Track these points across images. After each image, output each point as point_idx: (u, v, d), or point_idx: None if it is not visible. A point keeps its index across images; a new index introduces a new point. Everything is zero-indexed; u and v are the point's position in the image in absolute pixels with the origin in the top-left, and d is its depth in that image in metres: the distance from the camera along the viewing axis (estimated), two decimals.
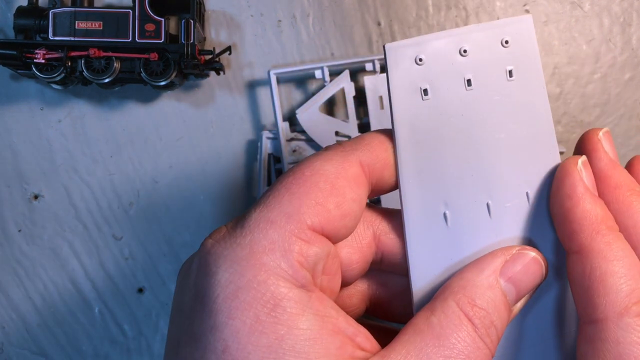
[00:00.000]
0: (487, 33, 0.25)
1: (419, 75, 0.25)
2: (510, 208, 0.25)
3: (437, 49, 0.25)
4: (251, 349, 0.18)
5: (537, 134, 0.25)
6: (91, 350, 0.44)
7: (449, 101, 0.25)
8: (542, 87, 0.25)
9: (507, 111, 0.25)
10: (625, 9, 0.45)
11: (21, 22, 0.42)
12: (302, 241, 0.20)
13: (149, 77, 0.42)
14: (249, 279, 0.19)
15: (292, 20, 0.45)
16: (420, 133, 0.25)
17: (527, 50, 0.25)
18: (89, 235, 0.45)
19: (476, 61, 0.25)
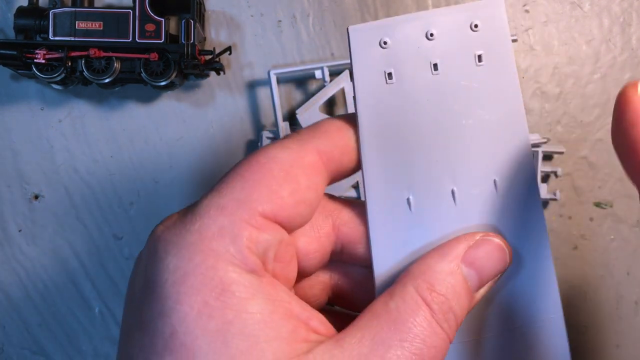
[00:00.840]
0: (455, 16, 0.24)
1: (383, 59, 0.24)
2: (476, 195, 0.24)
3: (402, 33, 0.24)
4: (199, 333, 0.18)
5: (507, 121, 0.24)
6: (91, 350, 0.44)
7: (414, 86, 0.24)
8: (514, 73, 0.24)
9: (476, 97, 0.24)
10: (625, 9, 0.45)
11: (21, 22, 0.42)
12: (253, 227, 0.20)
13: (149, 77, 0.42)
14: (197, 264, 0.19)
15: (292, 20, 0.45)
16: (384, 117, 0.24)
17: (498, 34, 0.24)
18: (89, 235, 0.45)
19: (443, 45, 0.24)
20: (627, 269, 0.44)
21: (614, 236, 0.44)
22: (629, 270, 0.44)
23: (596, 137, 0.44)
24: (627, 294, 0.44)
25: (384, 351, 0.20)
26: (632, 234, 0.44)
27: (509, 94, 0.24)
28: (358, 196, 0.42)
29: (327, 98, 0.43)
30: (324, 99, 0.43)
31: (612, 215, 0.44)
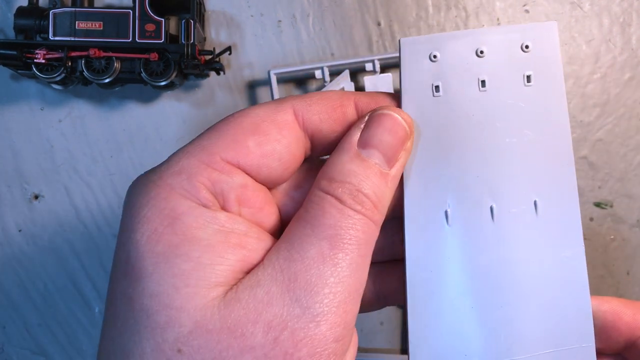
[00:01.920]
0: (507, 36, 0.24)
1: (432, 72, 0.25)
2: (515, 214, 0.24)
3: (453, 48, 0.25)
4: (146, 255, 0.19)
5: (552, 143, 0.24)
6: (91, 350, 0.44)
7: (460, 100, 0.24)
8: (562, 96, 0.24)
9: (521, 116, 0.24)
10: (625, 9, 0.45)
11: (21, 22, 0.42)
12: (211, 169, 0.21)
13: (149, 77, 0.42)
14: (151, 197, 0.20)
15: (292, 20, 0.45)
16: (429, 128, 0.24)
17: (549, 57, 0.24)
18: (89, 235, 0.45)
19: (493, 63, 0.24)
20: (627, 269, 0.44)
21: (613, 236, 0.44)
22: (629, 270, 0.44)
23: (596, 137, 0.44)
24: (627, 294, 0.44)
25: (299, 248, 0.20)
26: (632, 234, 0.44)
27: (556, 116, 0.24)
28: None
29: None
30: None
31: (612, 215, 0.44)
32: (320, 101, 0.23)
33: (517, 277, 0.24)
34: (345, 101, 0.24)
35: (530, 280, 0.24)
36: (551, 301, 0.24)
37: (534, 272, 0.24)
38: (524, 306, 0.24)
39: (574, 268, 0.24)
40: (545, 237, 0.24)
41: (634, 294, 0.44)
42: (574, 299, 0.24)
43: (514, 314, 0.24)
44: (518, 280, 0.24)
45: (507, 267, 0.24)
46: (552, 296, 0.24)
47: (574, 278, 0.24)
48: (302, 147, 0.23)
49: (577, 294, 0.24)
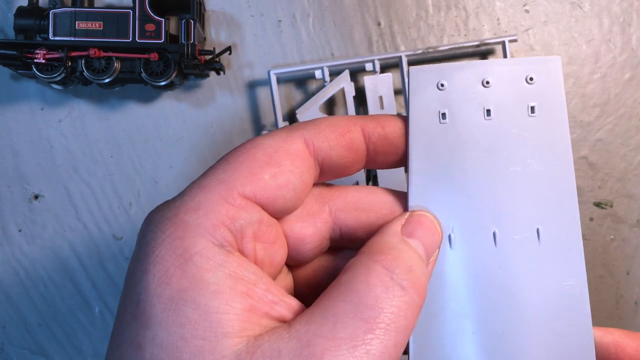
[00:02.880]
0: (512, 68, 0.25)
1: (439, 100, 0.25)
2: (518, 241, 0.25)
3: (460, 77, 0.25)
4: (156, 300, 0.19)
5: (555, 173, 0.25)
6: (91, 350, 0.44)
7: (466, 128, 0.25)
8: (565, 128, 0.25)
9: (526, 146, 0.25)
10: (625, 9, 0.45)
11: (21, 22, 0.42)
12: (229, 204, 0.20)
13: (149, 77, 0.42)
14: (167, 235, 0.20)
15: (292, 20, 0.45)
16: (434, 154, 0.25)
17: (553, 89, 0.25)
18: (89, 235, 0.45)
19: (498, 93, 0.25)
20: (627, 269, 0.44)
21: (613, 236, 0.44)
22: (628, 270, 0.44)
23: (596, 137, 0.44)
24: (627, 294, 0.44)
25: (334, 324, 0.18)
26: (632, 234, 0.44)
27: (559, 146, 0.25)
28: None
29: (327, 98, 0.43)
30: (324, 99, 0.43)
31: (612, 215, 0.44)
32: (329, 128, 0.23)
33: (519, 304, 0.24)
34: (352, 127, 0.24)
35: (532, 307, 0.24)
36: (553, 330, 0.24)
37: (535, 300, 0.24)
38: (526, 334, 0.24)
39: (576, 298, 0.24)
40: (548, 265, 0.25)
41: (634, 294, 0.44)
42: (577, 329, 0.24)
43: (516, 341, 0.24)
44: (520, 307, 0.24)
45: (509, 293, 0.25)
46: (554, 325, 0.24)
47: (576, 308, 0.24)
48: (313, 174, 0.23)
49: (579, 324, 0.24)
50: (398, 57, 0.43)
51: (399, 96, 0.44)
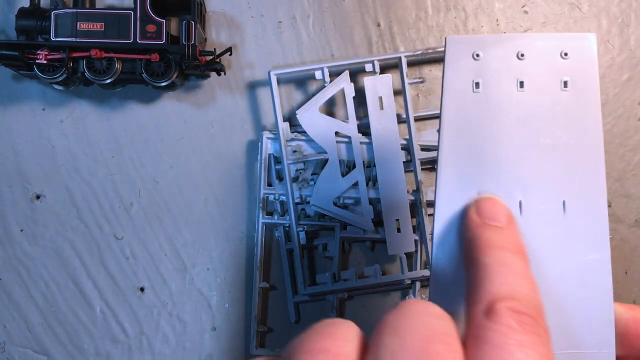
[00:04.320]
0: (548, 42, 0.26)
1: (474, 70, 0.26)
2: (543, 211, 0.25)
3: (495, 49, 0.26)
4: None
5: (584, 148, 0.25)
6: (93, 349, 0.45)
7: (498, 98, 0.26)
8: (597, 104, 0.25)
9: (557, 119, 0.25)
10: (624, 9, 0.45)
11: (23, 23, 0.42)
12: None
13: (150, 78, 0.42)
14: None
15: (292, 21, 0.45)
16: (465, 122, 0.26)
17: (586, 65, 0.26)
18: (91, 235, 0.45)
19: (532, 66, 0.26)
20: (625, 269, 0.44)
21: (612, 236, 0.44)
22: (627, 269, 0.44)
23: None
24: (625, 294, 0.44)
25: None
26: (630, 234, 0.44)
27: (590, 122, 0.25)
28: (357, 195, 0.43)
29: (327, 99, 0.43)
30: (324, 100, 0.43)
31: (610, 215, 0.44)
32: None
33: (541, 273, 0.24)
34: None
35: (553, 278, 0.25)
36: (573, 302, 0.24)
37: (558, 271, 0.25)
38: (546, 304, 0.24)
39: (599, 272, 0.25)
40: (572, 237, 0.25)
41: (632, 293, 0.44)
42: (597, 304, 0.24)
43: None
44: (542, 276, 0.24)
45: (532, 262, 0.24)
46: (575, 297, 0.24)
47: (598, 282, 0.24)
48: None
49: (600, 298, 0.24)
50: (398, 57, 0.43)
51: (398, 97, 0.44)
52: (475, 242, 0.23)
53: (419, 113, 0.44)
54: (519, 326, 0.19)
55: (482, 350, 0.18)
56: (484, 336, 0.19)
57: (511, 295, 0.20)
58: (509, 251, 0.22)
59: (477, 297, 0.20)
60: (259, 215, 0.44)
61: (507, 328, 0.19)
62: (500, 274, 0.21)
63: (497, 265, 0.21)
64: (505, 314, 0.19)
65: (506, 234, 0.23)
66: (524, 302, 0.20)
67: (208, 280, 0.45)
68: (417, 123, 0.44)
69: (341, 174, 0.43)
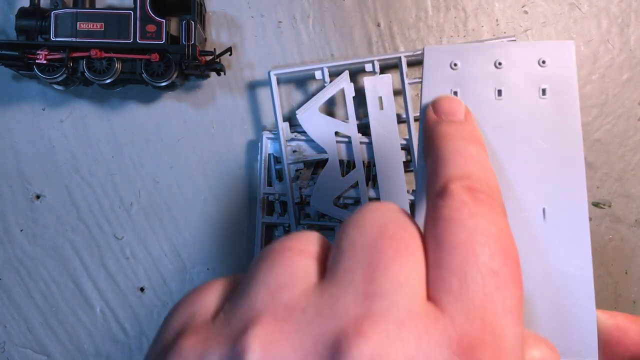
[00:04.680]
0: (525, 50, 0.26)
1: (452, 79, 0.26)
2: (523, 219, 0.25)
3: (473, 58, 0.26)
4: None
5: (565, 155, 0.25)
6: (93, 349, 0.45)
7: (477, 106, 0.26)
8: (576, 111, 0.25)
9: (535, 126, 0.25)
10: (624, 9, 0.45)
11: (23, 23, 0.42)
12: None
13: (150, 78, 0.42)
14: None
15: (292, 21, 0.45)
16: None
17: (565, 73, 0.26)
18: (91, 235, 0.45)
19: (510, 75, 0.26)
20: (625, 268, 0.44)
21: (612, 236, 0.44)
22: (627, 269, 0.44)
23: (594, 138, 0.45)
24: (625, 293, 0.44)
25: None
26: (630, 234, 0.44)
27: (570, 130, 0.25)
28: (357, 195, 0.43)
29: (327, 99, 0.43)
30: (324, 100, 0.43)
31: (610, 215, 0.44)
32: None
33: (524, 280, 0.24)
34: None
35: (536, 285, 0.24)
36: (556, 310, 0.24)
37: (540, 278, 0.25)
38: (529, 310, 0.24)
39: (581, 279, 0.25)
40: (553, 245, 0.25)
41: (632, 293, 0.44)
42: (580, 311, 0.24)
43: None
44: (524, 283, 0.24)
45: None
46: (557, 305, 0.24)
47: (580, 289, 0.24)
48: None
49: (582, 306, 0.24)
50: (397, 58, 0.43)
51: (398, 97, 0.44)
52: (433, 136, 0.23)
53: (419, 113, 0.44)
54: (471, 200, 0.19)
55: (437, 226, 0.18)
56: (438, 214, 0.19)
57: (465, 175, 0.20)
58: (464, 140, 0.22)
59: (432, 183, 0.20)
60: (259, 215, 0.44)
61: (460, 202, 0.19)
62: (454, 159, 0.21)
63: (452, 152, 0.21)
64: (458, 191, 0.19)
65: (463, 126, 0.23)
66: (476, 180, 0.20)
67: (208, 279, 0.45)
68: (417, 123, 0.44)
69: (341, 174, 0.43)
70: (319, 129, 0.43)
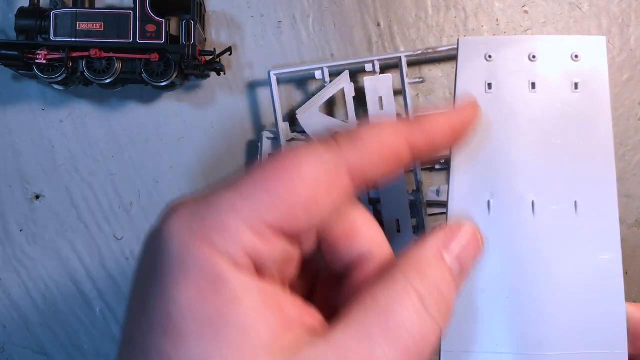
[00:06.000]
0: (559, 44, 0.26)
1: (486, 70, 0.26)
2: (555, 211, 0.25)
3: (507, 50, 0.26)
4: (191, 318, 0.19)
5: (595, 149, 0.25)
6: (92, 350, 0.45)
7: (510, 99, 0.26)
8: (607, 106, 0.26)
9: (568, 120, 0.26)
10: (624, 9, 0.45)
11: (23, 23, 0.42)
12: (256, 236, 0.20)
13: (150, 78, 0.42)
14: (195, 253, 0.19)
15: (292, 21, 0.45)
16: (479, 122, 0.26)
17: (597, 67, 0.26)
18: (90, 235, 0.45)
19: (544, 68, 0.26)
20: (625, 269, 0.44)
21: None
22: (627, 269, 0.44)
23: None
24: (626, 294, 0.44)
25: (370, 344, 0.20)
26: (630, 234, 0.44)
27: (601, 124, 0.26)
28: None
29: (327, 99, 0.43)
30: (324, 100, 0.43)
31: None
32: (377, 152, 0.23)
33: (553, 273, 0.25)
34: (400, 144, 0.23)
35: (565, 278, 0.25)
36: (585, 303, 0.25)
37: (570, 271, 0.25)
38: (558, 303, 0.25)
39: (610, 272, 0.25)
40: (584, 237, 0.25)
41: (633, 293, 0.44)
42: (609, 304, 0.25)
43: (547, 310, 0.24)
44: (554, 276, 0.25)
45: (544, 261, 0.25)
46: (587, 298, 0.25)
47: (610, 282, 0.25)
48: (346, 198, 0.23)
49: (612, 299, 0.25)
50: (398, 57, 0.43)
51: (398, 97, 0.44)
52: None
53: (419, 113, 0.44)
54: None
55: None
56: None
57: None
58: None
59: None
60: None
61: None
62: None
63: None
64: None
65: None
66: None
67: None
68: None
69: None
70: (319, 129, 0.43)
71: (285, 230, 0.21)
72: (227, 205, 0.20)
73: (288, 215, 0.21)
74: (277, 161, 0.22)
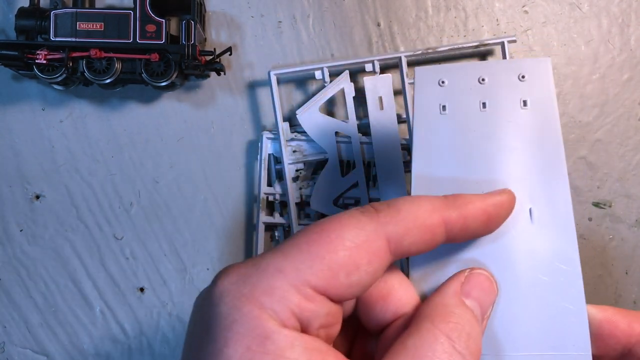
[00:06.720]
0: (506, 67, 0.29)
1: (440, 95, 0.29)
2: (511, 219, 0.26)
3: (458, 75, 0.29)
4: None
5: (547, 158, 0.27)
6: (92, 350, 0.45)
7: (463, 118, 0.28)
8: (556, 121, 0.28)
9: (519, 134, 0.27)
10: (624, 9, 0.45)
11: (23, 23, 0.42)
12: (301, 296, 0.22)
13: (150, 78, 0.42)
14: (244, 313, 0.21)
15: (292, 21, 0.45)
16: (436, 140, 0.28)
17: (543, 86, 0.28)
18: (90, 235, 0.45)
19: (493, 89, 0.28)
20: (626, 269, 0.44)
21: (612, 236, 0.44)
22: (627, 269, 0.44)
23: (595, 137, 0.45)
24: (626, 294, 0.44)
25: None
26: (630, 234, 0.44)
27: (551, 136, 0.27)
28: (357, 195, 0.43)
29: (327, 99, 0.43)
30: (324, 100, 0.43)
31: (610, 215, 0.44)
32: (414, 226, 0.24)
33: (516, 278, 0.26)
34: (436, 222, 0.24)
35: (527, 283, 0.26)
36: (548, 306, 0.25)
37: (531, 276, 0.26)
38: (522, 306, 0.26)
39: (570, 276, 0.26)
40: (541, 244, 0.26)
41: (633, 293, 0.44)
42: (571, 307, 0.25)
43: (513, 312, 0.25)
44: (516, 280, 0.26)
45: (506, 267, 0.26)
46: (549, 301, 0.26)
47: (570, 286, 0.26)
48: (385, 267, 0.24)
49: (573, 302, 0.26)
50: (398, 57, 0.43)
51: (398, 97, 0.44)
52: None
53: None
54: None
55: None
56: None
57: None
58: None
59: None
60: (259, 215, 0.44)
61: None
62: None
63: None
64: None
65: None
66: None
67: (208, 280, 0.45)
68: None
69: (341, 174, 0.43)
70: (319, 129, 0.43)
71: (329, 294, 0.22)
72: (273, 268, 0.22)
73: (330, 278, 0.22)
74: (320, 226, 0.23)
